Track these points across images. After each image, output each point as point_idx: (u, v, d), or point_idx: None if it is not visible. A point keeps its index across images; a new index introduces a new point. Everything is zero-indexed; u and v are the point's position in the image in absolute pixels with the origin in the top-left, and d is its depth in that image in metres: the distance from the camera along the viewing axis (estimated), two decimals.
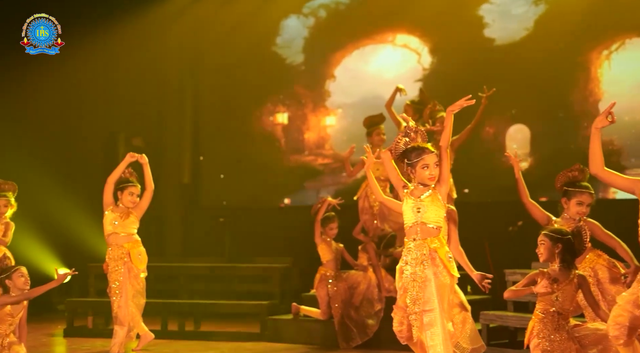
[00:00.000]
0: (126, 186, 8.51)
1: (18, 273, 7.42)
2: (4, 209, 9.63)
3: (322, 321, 9.23)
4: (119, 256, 8.36)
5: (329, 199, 9.34)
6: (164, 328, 9.85)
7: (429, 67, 12.85)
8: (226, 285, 10.95)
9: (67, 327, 10.22)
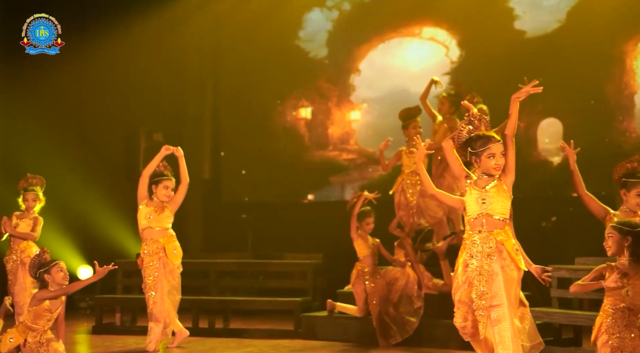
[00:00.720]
0: (161, 180, 8.29)
1: (57, 268, 7.21)
2: (33, 203, 9.46)
3: (358, 318, 9.01)
4: (154, 251, 8.14)
5: (365, 193, 9.12)
6: (195, 325, 9.61)
7: (457, 60, 12.62)
8: (256, 281, 10.71)
9: (96, 324, 9.99)
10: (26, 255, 9.30)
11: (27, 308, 7.24)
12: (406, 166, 9.51)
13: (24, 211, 9.50)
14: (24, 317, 7.27)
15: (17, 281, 9.25)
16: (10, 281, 9.27)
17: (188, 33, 13.83)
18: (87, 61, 13.45)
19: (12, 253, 9.34)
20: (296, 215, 13.46)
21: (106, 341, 9.24)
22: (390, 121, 13.03)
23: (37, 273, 7.26)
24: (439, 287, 8.84)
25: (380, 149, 9.55)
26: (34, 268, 7.31)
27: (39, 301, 7.17)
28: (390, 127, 13.05)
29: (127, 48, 13.64)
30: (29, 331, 7.19)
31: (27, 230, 9.39)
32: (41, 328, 7.19)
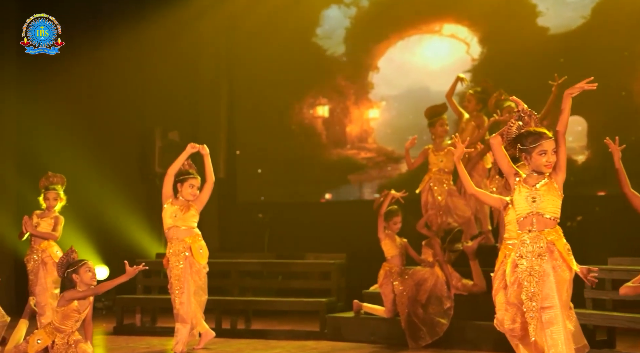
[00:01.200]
0: (186, 178, 8.13)
1: (85, 268, 7.08)
2: (54, 202, 9.32)
3: (386, 319, 8.85)
4: (179, 251, 7.98)
5: (392, 192, 8.96)
6: (218, 326, 9.46)
7: (478, 57, 12.46)
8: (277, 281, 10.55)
9: (117, 325, 9.85)
10: (47, 255, 9.17)
11: (55, 308, 7.10)
12: (433, 165, 9.35)
13: (44, 210, 9.35)
14: (52, 318, 7.12)
15: (38, 281, 9.10)
16: (31, 282, 9.12)
17: (203, 30, 13.66)
18: (102, 59, 13.28)
19: (33, 252, 9.19)
20: (313, 215, 13.31)
21: (129, 342, 9.09)
22: (410, 119, 12.92)
23: (65, 273, 7.13)
24: (468, 288, 8.69)
25: (407, 147, 9.40)
26: (61, 267, 7.17)
27: (67, 301, 7.03)
28: (409, 125, 12.93)
29: (142, 46, 13.48)
30: (56, 332, 7.05)
31: (48, 229, 9.23)
32: (69, 329, 7.06)
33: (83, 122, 13.42)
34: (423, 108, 12.69)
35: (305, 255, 10.58)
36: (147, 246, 12.64)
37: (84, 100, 13.54)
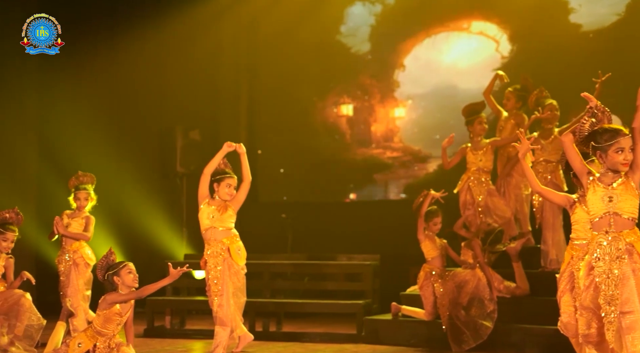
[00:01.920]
0: (223, 178, 7.90)
1: (126, 270, 6.87)
2: (85, 202, 9.12)
3: (426, 322, 8.64)
4: (218, 252, 7.74)
5: (431, 192, 8.74)
6: (251, 328, 9.25)
7: (508, 55, 12.27)
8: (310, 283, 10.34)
9: (148, 327, 9.64)
10: (79, 256, 8.96)
11: (97, 311, 6.88)
12: (471, 164, 9.14)
13: (75, 210, 9.14)
14: (93, 321, 6.91)
15: (70, 283, 8.88)
16: (62, 283, 8.90)
17: (224, 28, 13.48)
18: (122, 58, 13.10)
19: (64, 253, 8.97)
20: (338, 215, 13.12)
21: (164, 345, 8.89)
22: (437, 118, 12.74)
23: (106, 275, 6.92)
24: (511, 290, 8.49)
25: (444, 146, 9.18)
26: (102, 270, 6.97)
27: (109, 304, 6.83)
28: (436, 124, 12.75)
29: (162, 45, 13.27)
30: (98, 336, 6.84)
31: (79, 230, 9.02)
32: (111, 333, 6.86)
33: (104, 121, 13.25)
34: (450, 107, 12.65)
35: (337, 256, 10.34)
36: (171, 246, 12.45)
37: (105, 99, 13.36)
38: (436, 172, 12.72)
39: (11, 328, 7.96)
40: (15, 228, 8.31)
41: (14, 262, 8.31)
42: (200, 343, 8.64)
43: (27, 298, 8.00)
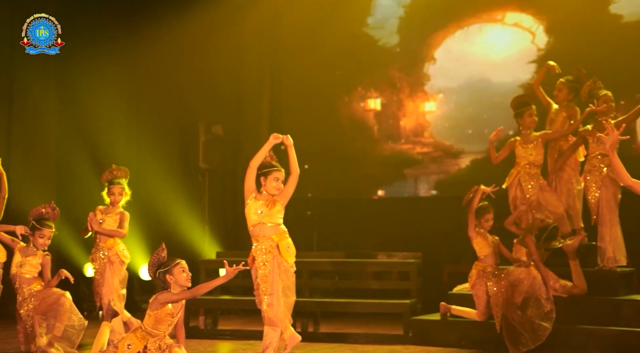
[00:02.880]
0: (270, 171, 7.51)
1: (179, 268, 6.50)
2: (119, 197, 8.76)
3: (478, 322, 8.29)
4: (267, 249, 7.34)
5: (482, 187, 8.38)
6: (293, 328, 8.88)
7: (544, 47, 11.93)
8: (350, 282, 9.98)
9: (192, 328, 9.27)
10: (114, 253, 8.59)
11: (148, 311, 6.51)
12: (521, 158, 8.79)
13: (108, 205, 8.77)
14: (144, 322, 6.53)
15: (105, 281, 8.51)
16: (97, 282, 8.52)
17: (248, 21, 13.11)
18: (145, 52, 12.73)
19: (98, 251, 8.60)
20: (365, 212, 12.80)
21: (206, 346, 8.52)
22: (469, 112, 12.40)
23: (157, 273, 6.54)
24: (568, 289, 8.15)
25: (491, 139, 8.85)
26: (152, 267, 6.60)
27: (161, 304, 6.45)
28: (469, 119, 12.42)
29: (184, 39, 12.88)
30: (148, 337, 6.47)
31: (113, 226, 8.65)
32: (162, 334, 6.49)
33: (125, 116, 12.97)
34: (484, 101, 12.34)
35: (375, 253, 9.97)
36: (198, 244, 12.12)
37: (126, 93, 13.01)
38: (468, 168, 12.39)
39: (50, 328, 7.62)
40: (51, 224, 7.96)
41: (50, 259, 7.93)
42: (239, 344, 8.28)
43: (67, 297, 7.65)
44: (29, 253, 7.85)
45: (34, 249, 7.87)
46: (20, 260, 7.81)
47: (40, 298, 7.68)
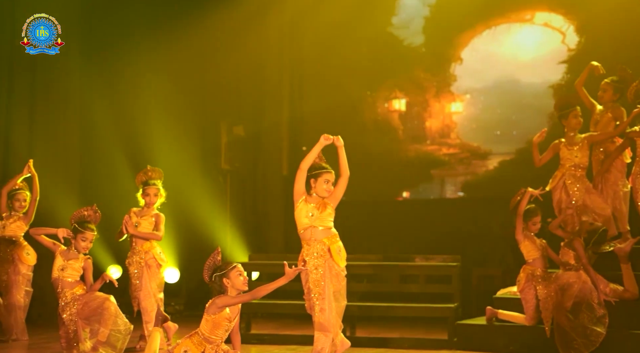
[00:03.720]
0: (321, 173, 7.33)
1: (236, 271, 6.34)
2: (154, 198, 8.59)
3: (526, 327, 8.12)
4: (319, 253, 7.16)
5: (529, 189, 8.21)
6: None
7: (575, 47, 11.80)
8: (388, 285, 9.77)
9: None
10: (150, 257, 8.42)
11: (205, 316, 6.32)
12: (566, 160, 8.61)
13: (143, 207, 8.58)
14: (200, 327, 6.34)
15: (142, 285, 8.31)
16: (134, 286, 8.33)
17: (270, 21, 12.96)
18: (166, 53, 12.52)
19: (134, 254, 8.41)
20: (390, 214, 12.62)
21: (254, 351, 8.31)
22: (498, 113, 12.26)
23: (213, 277, 6.37)
24: (619, 293, 7.97)
25: (535, 141, 8.67)
26: (208, 270, 6.42)
27: (219, 308, 6.28)
28: (497, 120, 12.29)
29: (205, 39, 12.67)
30: (205, 343, 6.29)
31: (149, 229, 8.48)
32: (219, 339, 6.32)
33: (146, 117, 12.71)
34: (512, 102, 12.19)
35: (412, 257, 9.78)
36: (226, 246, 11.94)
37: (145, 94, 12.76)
38: (497, 169, 12.25)
39: (94, 333, 7.41)
40: (94, 227, 7.74)
41: (92, 263, 7.73)
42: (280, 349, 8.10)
43: (112, 301, 7.43)
44: (70, 256, 7.63)
45: (75, 252, 7.66)
46: (62, 263, 7.59)
47: (83, 302, 7.47)
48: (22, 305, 9.10)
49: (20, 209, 9.20)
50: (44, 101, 11.56)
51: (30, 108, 11.59)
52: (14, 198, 9.20)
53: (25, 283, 9.16)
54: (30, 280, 9.20)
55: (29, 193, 9.25)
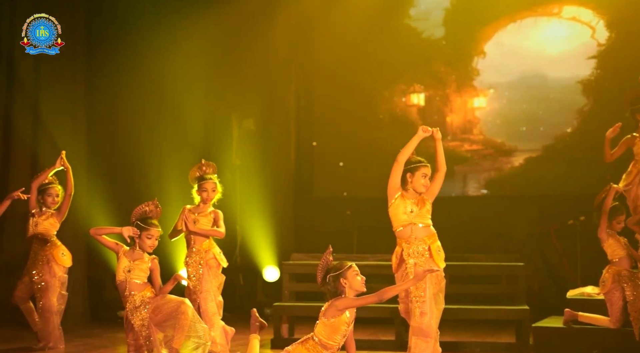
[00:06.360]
0: (418, 167, 6.91)
1: (353, 271, 5.88)
2: (212, 194, 8.01)
3: (609, 330, 7.77)
4: (420, 252, 6.67)
5: (614, 186, 7.87)
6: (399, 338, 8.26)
7: (605, 42, 11.55)
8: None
9: (275, 337, 8.50)
10: (211, 256, 7.82)
11: (321, 320, 5.78)
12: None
13: (198, 204, 7.97)
14: (316, 332, 5.80)
15: (202, 288, 7.71)
16: (193, 288, 7.70)
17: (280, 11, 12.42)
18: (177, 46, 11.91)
19: (193, 254, 7.80)
20: None
21: None
22: (523, 108, 11.97)
23: (327, 278, 5.85)
24: None
25: (608, 136, 8.33)
26: (322, 271, 5.90)
27: (340, 311, 5.77)
28: (522, 115, 12.00)
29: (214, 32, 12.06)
30: (322, 349, 5.76)
31: (208, 226, 7.87)
32: (337, 345, 5.82)
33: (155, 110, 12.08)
34: (538, 97, 11.89)
35: (468, 256, 9.35)
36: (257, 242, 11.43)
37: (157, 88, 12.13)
38: (522, 166, 11.93)
39: (167, 340, 6.78)
40: (157, 223, 7.11)
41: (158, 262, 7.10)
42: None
43: (189, 305, 6.82)
44: (135, 256, 6.99)
45: (140, 252, 7.02)
46: (127, 264, 6.94)
47: (154, 306, 6.84)
48: (57, 309, 8.40)
49: (52, 205, 8.51)
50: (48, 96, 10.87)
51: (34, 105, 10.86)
52: (46, 193, 8.49)
53: (60, 286, 8.46)
54: (65, 283, 8.51)
55: (61, 188, 8.56)
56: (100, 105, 11.72)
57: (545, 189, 11.60)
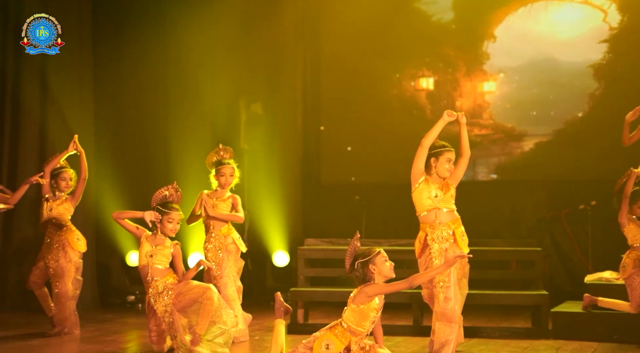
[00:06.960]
0: (442, 151, 6.82)
1: (381, 257, 5.85)
2: (230, 178, 8.00)
3: (630, 315, 7.74)
4: (444, 237, 6.64)
5: (634, 170, 7.83)
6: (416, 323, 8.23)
7: (617, 26, 11.46)
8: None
9: (291, 323, 8.44)
10: (230, 241, 7.80)
11: (350, 306, 5.75)
12: None
13: (216, 189, 7.93)
14: (345, 318, 5.76)
15: (222, 273, 7.67)
16: (213, 274, 7.66)
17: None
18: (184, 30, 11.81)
19: (212, 239, 7.76)
20: None
21: None
22: (534, 93, 11.90)
23: (356, 264, 5.81)
24: None
25: (627, 119, 8.26)
26: (350, 258, 5.86)
27: (369, 298, 5.74)
28: (533, 100, 11.94)
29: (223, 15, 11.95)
30: (351, 335, 5.73)
31: (227, 211, 7.83)
32: (365, 332, 5.79)
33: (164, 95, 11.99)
34: (549, 81, 11.82)
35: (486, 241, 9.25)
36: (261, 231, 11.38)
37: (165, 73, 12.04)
38: (532, 151, 11.88)
39: (191, 327, 6.73)
40: (179, 207, 7.06)
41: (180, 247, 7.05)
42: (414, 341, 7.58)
43: (214, 291, 6.76)
44: (157, 241, 6.94)
45: (162, 237, 6.98)
46: (149, 249, 6.90)
47: (177, 292, 6.79)
48: (73, 295, 8.34)
49: (66, 189, 8.42)
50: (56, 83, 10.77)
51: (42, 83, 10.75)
52: (59, 176, 8.41)
53: (75, 271, 8.39)
54: (80, 269, 8.44)
55: (74, 171, 8.49)
56: (107, 91, 11.63)
57: (556, 174, 11.55)
